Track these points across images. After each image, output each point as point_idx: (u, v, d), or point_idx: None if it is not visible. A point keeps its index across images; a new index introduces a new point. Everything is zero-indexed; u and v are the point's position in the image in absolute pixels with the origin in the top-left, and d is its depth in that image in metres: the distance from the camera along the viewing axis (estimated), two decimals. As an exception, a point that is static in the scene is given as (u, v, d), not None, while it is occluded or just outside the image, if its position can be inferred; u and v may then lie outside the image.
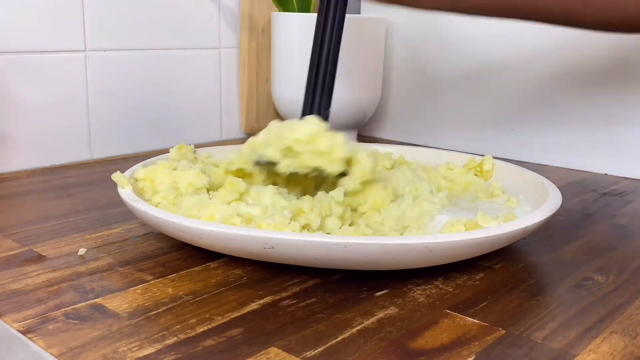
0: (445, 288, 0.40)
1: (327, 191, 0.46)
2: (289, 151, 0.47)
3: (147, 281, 0.40)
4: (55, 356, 0.31)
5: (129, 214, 0.52)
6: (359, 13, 0.92)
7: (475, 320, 0.36)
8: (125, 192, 0.46)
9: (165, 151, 0.58)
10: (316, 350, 0.32)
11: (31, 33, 0.68)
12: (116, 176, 0.48)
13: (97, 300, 0.38)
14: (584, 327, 0.36)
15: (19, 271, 0.42)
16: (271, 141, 0.47)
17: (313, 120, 0.47)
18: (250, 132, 0.90)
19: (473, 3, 0.48)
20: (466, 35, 0.82)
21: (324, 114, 0.51)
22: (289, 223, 0.41)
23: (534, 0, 0.47)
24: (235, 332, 0.34)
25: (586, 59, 0.73)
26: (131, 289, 0.39)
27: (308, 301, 0.38)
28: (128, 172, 0.51)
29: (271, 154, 0.47)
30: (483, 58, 0.80)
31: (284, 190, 0.48)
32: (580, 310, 0.38)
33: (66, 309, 0.36)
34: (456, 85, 0.84)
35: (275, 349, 0.33)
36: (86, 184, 0.64)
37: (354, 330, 0.35)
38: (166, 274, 0.42)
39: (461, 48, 0.82)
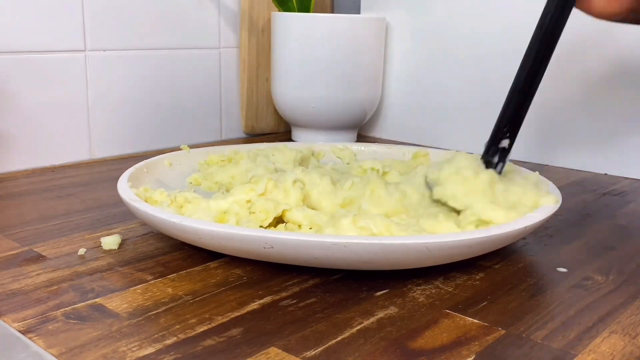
0: (445, 288, 0.40)
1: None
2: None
3: (147, 281, 0.40)
4: (55, 356, 0.31)
5: (129, 214, 0.52)
6: (359, 13, 0.92)
7: (475, 320, 0.36)
8: (125, 192, 0.46)
9: (165, 151, 0.58)
10: (316, 350, 0.32)
11: (31, 33, 0.68)
12: None
13: (97, 300, 0.38)
14: (584, 327, 0.36)
15: (19, 271, 0.42)
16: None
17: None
18: (250, 132, 0.90)
19: None
20: (465, 36, 0.82)
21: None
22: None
23: None
24: (235, 332, 0.34)
25: (586, 59, 0.73)
26: (131, 289, 0.39)
27: (308, 301, 0.38)
28: (128, 172, 0.51)
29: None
30: (482, 58, 0.80)
31: None
32: (580, 310, 0.38)
33: (66, 309, 0.36)
34: (456, 85, 0.84)
35: (275, 348, 0.33)
36: (86, 184, 0.64)
37: (354, 330, 0.35)
38: (166, 274, 0.42)
39: (461, 48, 0.82)
